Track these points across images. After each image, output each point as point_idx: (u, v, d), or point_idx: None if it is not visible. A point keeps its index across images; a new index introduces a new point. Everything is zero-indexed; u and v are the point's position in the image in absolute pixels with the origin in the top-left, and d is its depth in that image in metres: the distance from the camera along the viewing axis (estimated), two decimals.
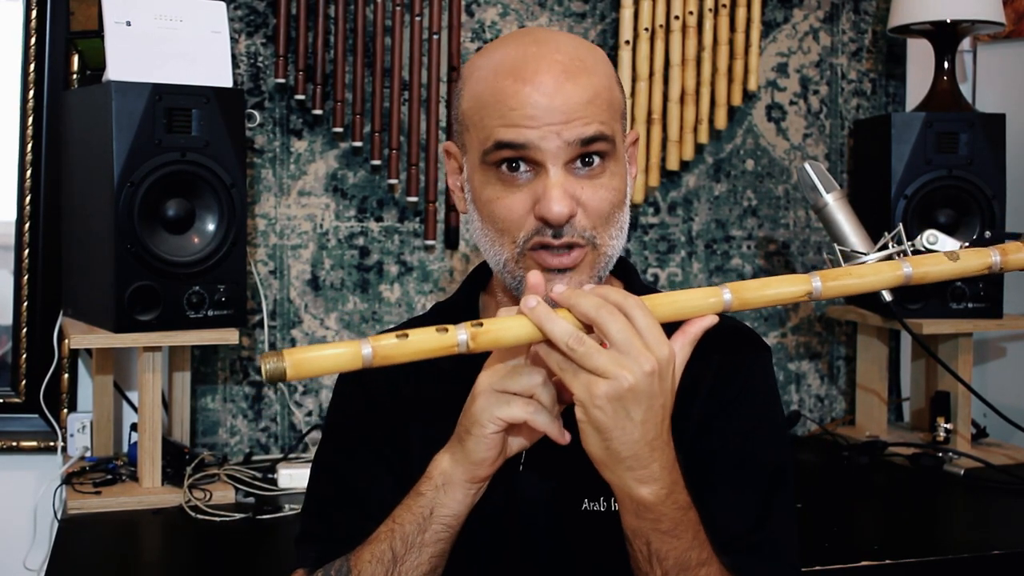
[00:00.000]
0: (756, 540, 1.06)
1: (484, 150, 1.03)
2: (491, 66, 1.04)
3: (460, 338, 0.89)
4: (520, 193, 1.02)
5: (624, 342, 0.88)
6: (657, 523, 0.93)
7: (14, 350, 2.01)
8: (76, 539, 1.60)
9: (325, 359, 0.87)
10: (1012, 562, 1.58)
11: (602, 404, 0.87)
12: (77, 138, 1.80)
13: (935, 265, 1.02)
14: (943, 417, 2.09)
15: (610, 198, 1.04)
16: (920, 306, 2.05)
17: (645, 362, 0.88)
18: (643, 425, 0.88)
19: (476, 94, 1.05)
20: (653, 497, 0.91)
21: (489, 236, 1.06)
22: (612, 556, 1.05)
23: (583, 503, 1.08)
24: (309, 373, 0.88)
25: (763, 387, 1.14)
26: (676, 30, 2.18)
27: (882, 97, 2.41)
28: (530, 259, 1.03)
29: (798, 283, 0.98)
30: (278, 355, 0.86)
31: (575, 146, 1.01)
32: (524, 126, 1.00)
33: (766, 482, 1.09)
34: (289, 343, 2.07)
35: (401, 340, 0.88)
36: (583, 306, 0.90)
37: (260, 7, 2.04)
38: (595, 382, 0.87)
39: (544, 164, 1.01)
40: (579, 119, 1.00)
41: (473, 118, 1.05)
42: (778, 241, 2.35)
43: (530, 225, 1.02)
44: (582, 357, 0.88)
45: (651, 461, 0.90)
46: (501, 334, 0.91)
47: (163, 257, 1.68)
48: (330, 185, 2.09)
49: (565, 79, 1.01)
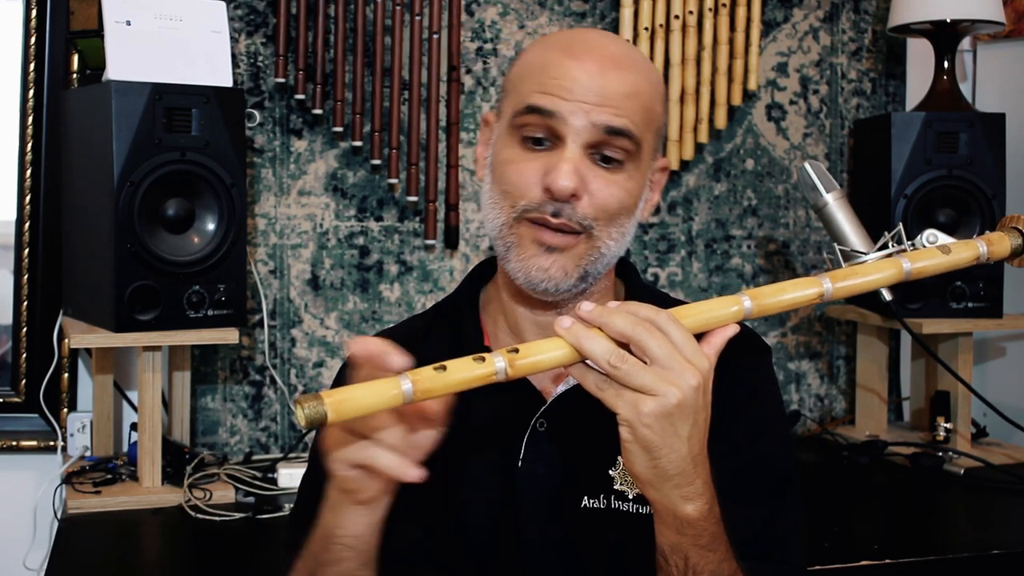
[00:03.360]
0: (765, 545, 1.05)
1: (515, 111, 1.04)
2: (548, 41, 1.08)
3: (498, 366, 0.87)
4: (535, 162, 1.03)
5: (666, 357, 0.86)
6: (698, 538, 0.92)
7: (14, 349, 2.01)
8: (76, 539, 1.60)
9: (366, 399, 0.83)
10: (1012, 562, 1.58)
11: (650, 422, 0.86)
12: (77, 138, 1.80)
13: (931, 259, 1.04)
14: (943, 417, 2.09)
15: (620, 196, 1.04)
16: (920, 306, 2.05)
17: (691, 376, 0.87)
18: (689, 440, 0.87)
19: (526, 61, 1.08)
20: (697, 513, 0.90)
21: (493, 198, 1.06)
22: (612, 553, 1.05)
23: (583, 500, 1.07)
24: (350, 415, 0.83)
25: (766, 391, 1.14)
26: (676, 29, 2.18)
27: (882, 97, 2.41)
28: (524, 227, 1.04)
29: (810, 286, 0.98)
30: (316, 398, 0.81)
31: (600, 131, 1.01)
32: (558, 96, 1.01)
33: (774, 487, 1.09)
34: (289, 343, 2.07)
35: (440, 372, 0.85)
36: (618, 324, 0.88)
37: (260, 7, 2.04)
38: (642, 400, 0.86)
39: (565, 139, 1.02)
40: (612, 107, 1.01)
41: (515, 82, 1.07)
42: (778, 241, 2.35)
43: (534, 195, 1.03)
44: (625, 375, 0.86)
45: (695, 477, 0.89)
46: (539, 358, 0.89)
47: (163, 257, 1.68)
48: (330, 185, 2.09)
49: (612, 67, 1.03)
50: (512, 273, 1.05)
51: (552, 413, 1.09)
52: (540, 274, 1.03)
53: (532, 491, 1.08)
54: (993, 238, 1.07)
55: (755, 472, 1.08)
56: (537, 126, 1.03)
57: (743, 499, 1.05)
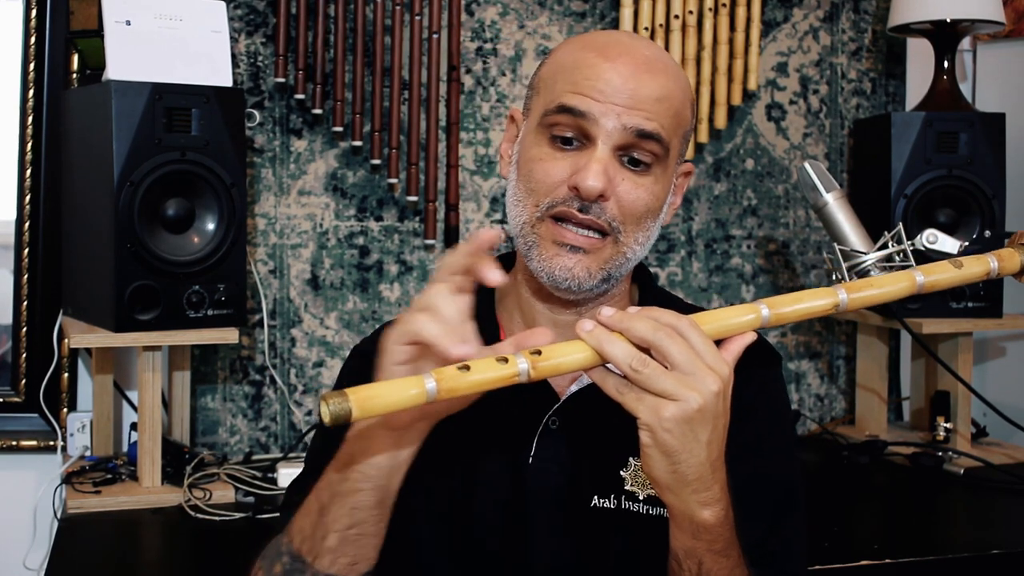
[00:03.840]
0: (766, 552, 1.06)
1: (546, 110, 1.04)
2: (582, 41, 1.07)
3: (521, 367, 0.88)
4: (563, 161, 1.03)
5: (687, 363, 0.87)
6: (713, 543, 0.92)
7: (14, 349, 2.01)
8: (76, 539, 1.60)
9: (390, 396, 0.85)
10: (1012, 562, 1.58)
11: (671, 427, 0.86)
12: (77, 138, 1.80)
13: (943, 273, 1.04)
14: (943, 417, 2.09)
15: (647, 200, 1.04)
16: (920, 305, 2.05)
17: (712, 382, 0.87)
18: (708, 446, 0.88)
19: (559, 60, 1.08)
20: (714, 519, 0.91)
21: (518, 195, 1.06)
22: (620, 553, 1.05)
23: (592, 500, 1.07)
24: (374, 412, 0.85)
25: (776, 399, 1.15)
26: (676, 29, 2.18)
27: (882, 96, 2.41)
28: (547, 227, 1.04)
29: (827, 296, 0.99)
30: (341, 395, 0.83)
31: (630, 134, 1.02)
32: (591, 97, 1.02)
33: (779, 495, 1.09)
34: (289, 343, 2.07)
35: (463, 372, 0.86)
36: (639, 329, 0.88)
37: (260, 7, 2.04)
38: (663, 405, 0.86)
39: (595, 139, 1.02)
40: (643, 111, 1.02)
41: (548, 80, 1.07)
42: (778, 241, 2.35)
43: (561, 193, 1.03)
44: (647, 379, 0.87)
45: (713, 482, 0.90)
46: (561, 360, 0.89)
47: (163, 257, 1.68)
48: (330, 184, 2.09)
49: (645, 70, 1.03)
50: (535, 272, 1.06)
51: (565, 412, 1.09)
52: (564, 272, 1.03)
53: (542, 489, 1.08)
54: (1004, 254, 1.08)
55: (760, 480, 1.08)
56: (567, 126, 1.03)
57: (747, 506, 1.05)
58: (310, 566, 0.96)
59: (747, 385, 1.09)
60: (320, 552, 0.96)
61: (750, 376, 1.10)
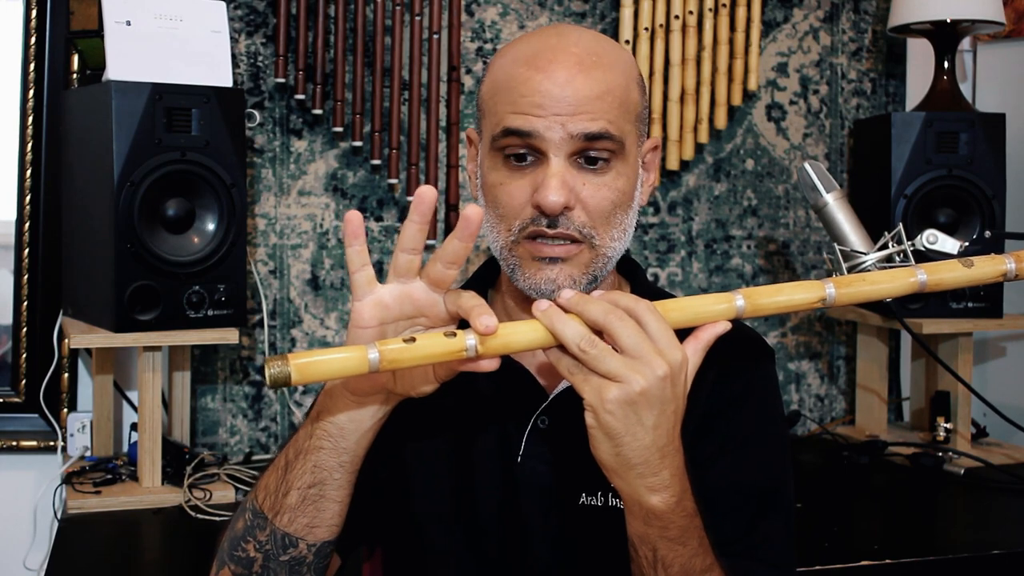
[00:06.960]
0: (749, 544, 1.06)
1: (493, 135, 1.04)
2: (512, 55, 1.06)
3: (468, 343, 0.87)
4: (522, 180, 1.03)
5: (635, 347, 0.87)
6: (665, 530, 0.92)
7: (14, 350, 2.01)
8: (76, 539, 1.60)
9: (331, 364, 0.85)
10: (1012, 562, 1.58)
11: (613, 408, 0.86)
12: (77, 138, 1.80)
13: (950, 272, 0.99)
14: (943, 417, 2.09)
15: (612, 197, 1.03)
16: (920, 306, 2.05)
17: (658, 367, 0.86)
18: (655, 431, 0.87)
19: (494, 80, 1.07)
20: (663, 505, 0.90)
21: (491, 221, 1.06)
22: (609, 550, 1.06)
23: (581, 497, 1.08)
24: (314, 378, 0.85)
25: (764, 392, 1.14)
26: (676, 30, 2.18)
27: (882, 97, 2.41)
28: (524, 247, 1.04)
29: (812, 290, 0.96)
30: (282, 359, 0.84)
31: (578, 140, 1.01)
32: (532, 114, 1.01)
33: (764, 488, 1.09)
34: (289, 343, 2.07)
35: (408, 344, 0.86)
36: (592, 311, 0.89)
37: (260, 7, 2.04)
38: (606, 386, 0.86)
39: (547, 153, 1.01)
40: (586, 113, 1.01)
41: (488, 103, 1.07)
42: (778, 241, 2.35)
43: (527, 213, 1.03)
44: (593, 360, 0.87)
45: (662, 468, 0.89)
46: (511, 338, 0.89)
47: (163, 257, 1.68)
48: (330, 185, 2.09)
49: (578, 71, 1.01)
50: (524, 290, 1.06)
51: (553, 410, 1.09)
52: (549, 284, 1.03)
53: (532, 487, 1.09)
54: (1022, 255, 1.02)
55: (745, 472, 1.08)
56: (517, 145, 1.03)
57: (731, 497, 1.06)
58: (270, 522, 0.99)
59: (736, 379, 1.10)
60: (281, 508, 0.98)
61: (739, 370, 1.10)
